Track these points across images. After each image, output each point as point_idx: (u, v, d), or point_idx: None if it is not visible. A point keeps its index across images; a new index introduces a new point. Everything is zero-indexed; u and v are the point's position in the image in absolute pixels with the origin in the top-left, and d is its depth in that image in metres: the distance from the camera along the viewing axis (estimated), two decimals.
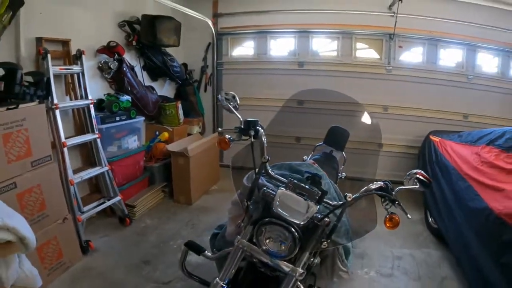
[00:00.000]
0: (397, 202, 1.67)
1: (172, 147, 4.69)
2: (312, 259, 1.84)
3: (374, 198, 1.81)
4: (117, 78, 4.29)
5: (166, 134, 4.93)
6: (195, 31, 5.65)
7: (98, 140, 3.74)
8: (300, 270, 1.68)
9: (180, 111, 5.20)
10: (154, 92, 5.01)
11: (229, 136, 2.06)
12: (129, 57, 4.64)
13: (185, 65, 5.74)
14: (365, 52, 5.86)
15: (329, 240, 1.76)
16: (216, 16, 5.87)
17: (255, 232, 1.74)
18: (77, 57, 3.60)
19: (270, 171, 2.00)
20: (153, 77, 5.19)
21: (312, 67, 5.82)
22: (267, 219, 1.70)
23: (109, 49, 4.11)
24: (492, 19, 5.34)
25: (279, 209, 1.69)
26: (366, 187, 1.75)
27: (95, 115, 3.76)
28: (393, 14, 5.26)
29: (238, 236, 1.81)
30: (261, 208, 1.82)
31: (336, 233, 1.80)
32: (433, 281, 3.37)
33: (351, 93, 5.25)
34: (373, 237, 1.80)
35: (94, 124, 3.71)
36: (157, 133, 4.94)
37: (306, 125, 4.60)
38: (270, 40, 5.94)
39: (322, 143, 3.45)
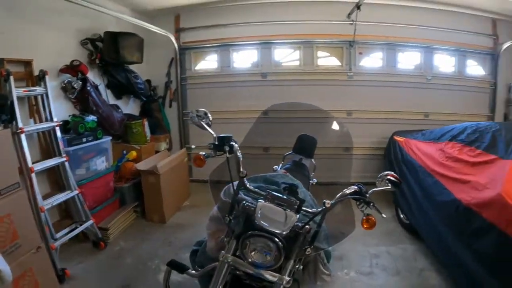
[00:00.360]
0: (372, 204, 1.75)
1: (141, 166, 4.60)
2: (297, 266, 1.92)
3: (350, 201, 1.86)
4: (81, 98, 4.16)
5: (134, 153, 4.82)
6: (158, 47, 5.61)
7: (66, 163, 3.61)
8: (286, 278, 1.74)
9: (147, 129, 5.12)
10: (119, 110, 4.89)
11: (204, 153, 2.06)
12: (93, 76, 4.53)
13: (148, 81, 5.67)
14: (326, 60, 6.07)
15: (312, 247, 1.81)
16: (178, 31, 5.88)
17: (240, 246, 1.77)
18: (40, 78, 3.48)
19: (248, 185, 2.03)
20: (117, 95, 5.08)
21: (275, 77, 5.94)
22: (251, 232, 1.73)
23: (72, 68, 3.99)
24: (446, 21, 5.75)
25: (261, 221, 1.73)
26: (341, 192, 1.81)
27: (61, 137, 3.63)
28: (352, 22, 5.46)
29: (223, 251, 1.83)
30: (242, 222, 1.85)
31: (318, 239, 1.86)
32: (412, 274, 3.52)
33: (314, 101, 5.40)
34: (349, 238, 1.86)
35: (61, 147, 3.58)
36: (125, 152, 4.81)
37: (273, 135, 4.61)
38: (233, 52, 6.00)
39: (291, 152, 3.50)
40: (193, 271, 2.07)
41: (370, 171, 5.38)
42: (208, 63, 6.16)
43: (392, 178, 1.80)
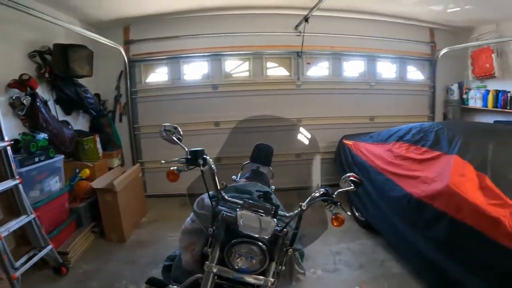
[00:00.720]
0: (338, 203, 1.92)
1: (96, 184, 4.43)
2: (279, 267, 2.04)
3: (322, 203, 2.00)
4: (31, 115, 3.91)
5: (87, 171, 4.62)
6: (107, 60, 5.45)
7: (20, 185, 3.34)
8: (271, 279, 1.86)
9: (99, 145, 4.94)
10: (70, 127, 4.69)
11: (176, 168, 2.09)
12: (41, 90, 4.29)
13: (97, 95, 5.47)
14: (275, 70, 6.26)
15: (292, 247, 1.94)
16: (127, 43, 5.78)
17: (225, 254, 1.84)
18: None
19: (225, 196, 2.10)
20: (67, 111, 4.86)
21: (226, 88, 6.05)
22: (237, 239, 1.83)
23: (21, 83, 3.75)
24: (388, 31, 6.28)
25: (245, 230, 1.82)
26: (311, 196, 1.95)
27: (13, 157, 3.37)
28: (299, 34, 5.78)
29: (207, 262, 1.88)
30: (223, 232, 1.93)
31: (296, 240, 1.98)
32: (374, 266, 3.81)
33: (265, 110, 5.59)
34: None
35: (13, 168, 3.30)
36: (77, 170, 4.59)
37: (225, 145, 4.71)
38: (183, 65, 6.02)
39: (248, 161, 3.56)
40: (175, 286, 2.12)
41: (323, 174, 5.56)
42: (159, 75, 6.11)
43: (354, 179, 2.02)
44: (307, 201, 1.92)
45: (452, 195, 2.93)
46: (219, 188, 2.08)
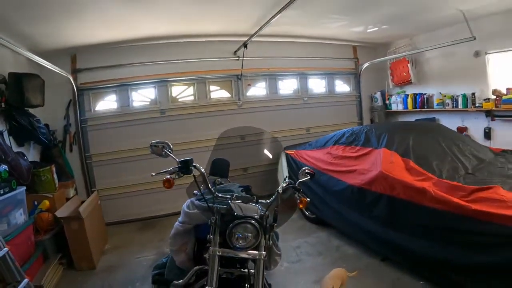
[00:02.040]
0: (301, 190, 2.48)
1: (61, 213, 4.40)
2: (268, 242, 2.43)
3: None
4: None
5: (47, 202, 4.53)
6: (54, 89, 5.45)
7: None
8: (263, 252, 2.29)
9: (55, 175, 4.88)
10: (25, 158, 4.61)
11: (169, 176, 2.38)
12: None
13: (46, 125, 5.36)
14: (218, 93, 6.74)
15: (276, 224, 2.43)
16: (75, 71, 5.84)
17: (227, 236, 2.24)
18: None
19: (216, 194, 2.49)
20: (20, 142, 4.76)
21: (173, 112, 6.37)
22: (236, 221, 2.25)
23: None
24: (316, 51, 7.15)
25: (240, 213, 2.28)
26: (281, 185, 2.49)
27: None
28: (238, 58, 6.35)
29: (211, 247, 2.26)
30: (219, 221, 2.34)
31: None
32: (331, 252, 4.39)
33: (209, 130, 5.94)
34: None
35: None
36: (36, 203, 4.49)
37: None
38: (131, 91, 6.22)
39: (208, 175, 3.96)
40: (179, 281, 2.43)
41: (270, 183, 6.07)
42: (108, 103, 6.21)
43: (308, 171, 2.68)
44: (279, 188, 2.45)
45: (386, 178, 3.69)
46: (210, 187, 2.46)
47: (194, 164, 2.42)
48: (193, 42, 6.19)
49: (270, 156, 2.94)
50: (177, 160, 2.42)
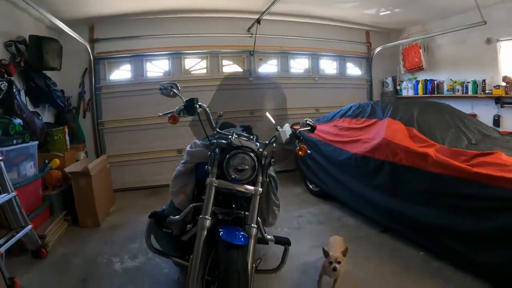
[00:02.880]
0: (301, 138, 2.52)
1: (70, 169, 4.49)
2: (266, 179, 2.47)
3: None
4: (6, 101, 3.96)
5: (57, 161, 4.66)
6: (71, 57, 5.52)
7: (2, 163, 3.34)
8: (260, 189, 2.30)
9: (67, 136, 5.01)
10: (40, 117, 4.72)
11: (176, 111, 2.49)
12: (15, 80, 4.32)
13: (62, 91, 5.48)
14: (230, 67, 6.64)
15: (273, 160, 2.45)
16: (92, 41, 5.94)
17: (225, 165, 2.27)
18: None
19: (217, 130, 2.55)
20: (35, 103, 4.90)
21: (185, 84, 6.25)
22: (235, 150, 2.29)
23: (1, 67, 3.85)
24: (329, 33, 7.11)
25: (240, 143, 2.36)
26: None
27: None
28: (251, 35, 6.34)
29: (208, 178, 2.28)
30: (219, 153, 2.36)
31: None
32: (332, 222, 4.40)
33: (220, 104, 5.91)
34: None
35: None
36: (47, 161, 4.60)
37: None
38: (146, 62, 6.30)
39: None
40: (176, 217, 2.43)
41: (277, 160, 6.01)
42: (122, 72, 6.30)
43: (310, 122, 2.69)
44: (278, 127, 2.50)
45: (388, 144, 3.67)
46: (218, 115, 2.55)
47: (199, 103, 2.50)
48: (208, 18, 6.23)
49: (273, 121, 2.95)
50: (183, 99, 2.51)
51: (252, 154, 2.29)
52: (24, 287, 3.02)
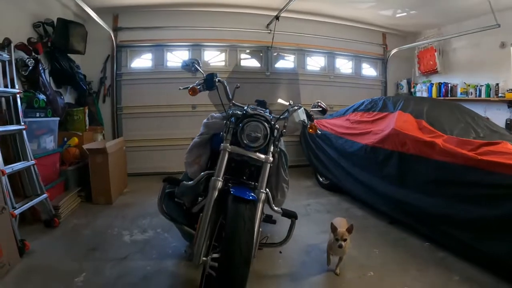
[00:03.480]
0: (312, 116, 2.68)
1: (88, 146, 4.62)
2: (277, 149, 2.57)
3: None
4: (32, 77, 4.14)
5: (75, 139, 4.81)
6: (95, 44, 5.68)
7: (24, 132, 3.51)
8: (270, 157, 2.36)
9: (87, 117, 5.16)
10: (62, 97, 4.91)
11: (197, 84, 2.62)
12: (42, 59, 4.51)
13: (84, 76, 5.68)
14: (248, 61, 6.74)
15: (284, 130, 2.52)
16: (116, 29, 6.12)
17: (239, 131, 2.33)
18: (5, 46, 3.47)
19: (233, 102, 2.63)
20: (58, 84, 5.07)
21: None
22: (249, 118, 2.35)
23: (29, 45, 4.04)
24: (346, 33, 7.20)
25: (254, 111, 2.41)
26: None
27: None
28: (270, 32, 6.44)
29: (222, 144, 2.33)
30: (235, 122, 2.42)
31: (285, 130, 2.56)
32: (340, 211, 4.40)
33: (237, 97, 6.03)
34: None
35: (20, 115, 3.48)
36: (65, 139, 4.76)
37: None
38: (166, 52, 6.45)
39: None
40: (189, 183, 2.50)
41: (289, 155, 6.08)
42: (143, 61, 6.47)
43: (322, 105, 2.88)
44: (291, 102, 2.64)
45: (398, 134, 3.71)
46: (235, 87, 2.65)
47: (218, 78, 2.64)
48: (229, 12, 6.37)
49: (286, 103, 3.01)
50: (203, 73, 2.69)
51: (265, 123, 2.35)
52: (34, 251, 3.12)
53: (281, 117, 2.56)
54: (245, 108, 2.50)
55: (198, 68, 2.74)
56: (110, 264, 2.92)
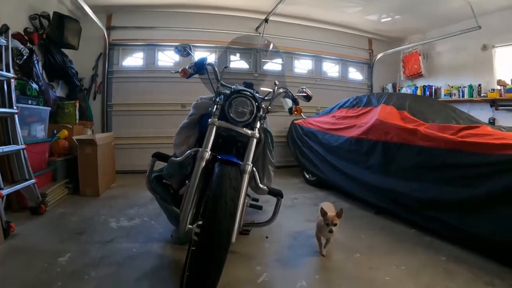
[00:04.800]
0: (296, 99, 2.78)
1: (77, 137, 4.61)
2: (262, 125, 2.58)
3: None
4: (26, 67, 4.18)
5: (65, 132, 4.79)
6: (88, 41, 5.75)
7: (16, 116, 3.50)
8: (256, 133, 2.39)
9: (77, 111, 5.17)
10: (54, 90, 4.93)
11: (188, 67, 2.65)
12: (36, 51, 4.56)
13: (76, 72, 5.67)
14: (237, 63, 6.76)
15: (270, 107, 2.59)
16: (109, 28, 6.20)
17: (227, 107, 2.37)
18: (2, 32, 3.49)
19: (222, 82, 2.67)
20: (50, 77, 5.09)
21: (198, 76, 6.40)
22: (237, 94, 2.40)
23: (26, 34, 4.11)
24: (333, 38, 7.44)
25: (241, 88, 2.50)
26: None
27: None
28: (259, 34, 6.56)
29: (210, 119, 2.37)
30: (223, 99, 2.46)
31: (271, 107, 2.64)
32: None
33: None
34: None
35: (13, 99, 3.47)
36: (55, 131, 4.74)
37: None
38: (157, 52, 6.54)
39: None
40: (177, 158, 2.47)
41: (277, 156, 6.14)
42: (135, 59, 6.55)
43: (307, 91, 2.92)
44: (277, 82, 2.66)
45: (381, 124, 3.81)
46: (224, 67, 2.78)
47: (208, 62, 2.69)
48: (220, 15, 6.53)
49: (270, 90, 3.02)
50: (194, 57, 2.77)
51: (252, 99, 2.39)
52: (19, 234, 3.09)
53: (266, 98, 2.61)
54: (232, 87, 2.56)
55: (190, 52, 2.80)
56: (96, 247, 2.90)
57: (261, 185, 2.42)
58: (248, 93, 2.43)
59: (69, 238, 3.08)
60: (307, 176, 5.60)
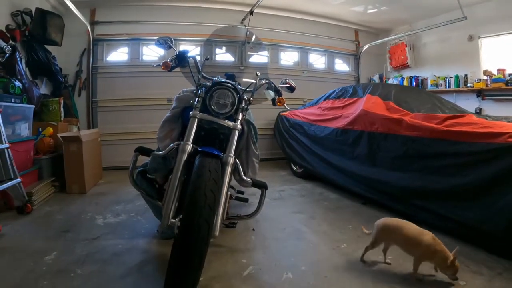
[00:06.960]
0: (279, 91, 2.79)
1: (63, 134, 4.58)
2: (245, 116, 2.61)
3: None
4: (8, 65, 4.12)
5: (50, 129, 4.77)
6: (71, 37, 5.72)
7: (0, 115, 3.45)
8: (238, 125, 2.42)
9: (62, 108, 5.15)
10: (38, 88, 4.87)
11: (171, 62, 2.65)
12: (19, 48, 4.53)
13: (60, 69, 5.62)
14: (223, 56, 6.81)
15: (252, 98, 2.60)
16: (93, 23, 6.15)
17: (208, 99, 2.39)
18: None
19: (203, 74, 2.68)
20: (34, 75, 5.05)
21: (179, 69, 6.38)
22: (218, 86, 2.43)
23: (7, 31, 4.08)
24: (318, 30, 7.47)
25: (222, 80, 2.50)
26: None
27: None
28: (244, 27, 6.54)
29: (191, 111, 2.38)
30: (204, 92, 2.47)
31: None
32: (314, 195, 4.51)
33: None
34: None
35: None
36: (40, 129, 4.71)
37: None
38: (142, 46, 6.51)
39: None
40: (160, 152, 2.45)
41: (264, 149, 6.49)
42: (120, 55, 6.50)
43: (291, 82, 2.96)
44: (259, 73, 2.65)
45: (366, 114, 3.85)
46: (205, 59, 2.77)
47: (189, 55, 2.70)
48: (205, 8, 6.50)
49: (253, 81, 3.01)
50: (176, 50, 2.75)
51: (233, 91, 2.42)
52: (5, 234, 3.08)
53: (248, 89, 2.63)
54: (214, 79, 2.58)
55: (171, 45, 2.78)
56: (82, 244, 2.90)
57: (245, 178, 2.45)
58: (229, 84, 2.45)
59: (55, 236, 3.08)
60: (294, 168, 5.65)
